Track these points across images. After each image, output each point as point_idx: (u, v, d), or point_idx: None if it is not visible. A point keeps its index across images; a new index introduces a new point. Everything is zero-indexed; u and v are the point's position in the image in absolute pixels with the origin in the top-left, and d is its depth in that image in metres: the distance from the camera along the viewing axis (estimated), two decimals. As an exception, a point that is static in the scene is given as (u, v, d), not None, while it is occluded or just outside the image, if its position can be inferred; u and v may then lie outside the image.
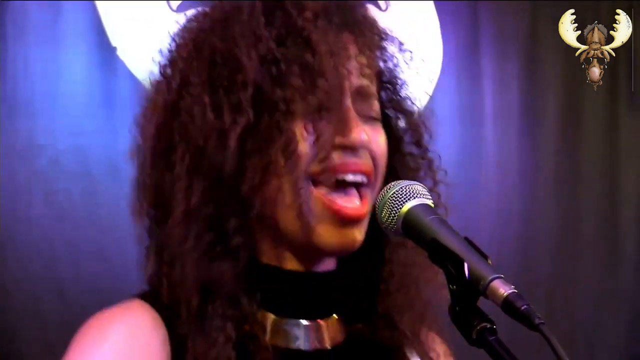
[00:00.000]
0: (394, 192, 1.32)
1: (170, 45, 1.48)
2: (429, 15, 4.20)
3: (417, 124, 1.55)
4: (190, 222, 1.37)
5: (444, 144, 4.23)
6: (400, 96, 1.55)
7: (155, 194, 1.43)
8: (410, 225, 1.29)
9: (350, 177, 1.39)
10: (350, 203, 1.39)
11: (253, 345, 1.39)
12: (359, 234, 1.40)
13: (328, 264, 1.46)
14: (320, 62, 1.36)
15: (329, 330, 1.47)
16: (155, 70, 1.49)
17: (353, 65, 1.41)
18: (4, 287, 3.43)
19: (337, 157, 1.38)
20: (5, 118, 3.46)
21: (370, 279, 1.51)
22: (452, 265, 1.20)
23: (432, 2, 4.21)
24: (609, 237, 4.55)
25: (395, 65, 1.54)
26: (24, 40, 3.50)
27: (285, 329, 1.43)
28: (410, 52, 1.56)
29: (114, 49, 3.59)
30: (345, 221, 1.38)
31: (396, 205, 1.31)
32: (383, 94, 1.52)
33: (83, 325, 1.40)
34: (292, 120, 1.36)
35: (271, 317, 1.42)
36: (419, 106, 1.58)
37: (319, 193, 1.37)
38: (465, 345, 1.20)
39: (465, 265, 1.18)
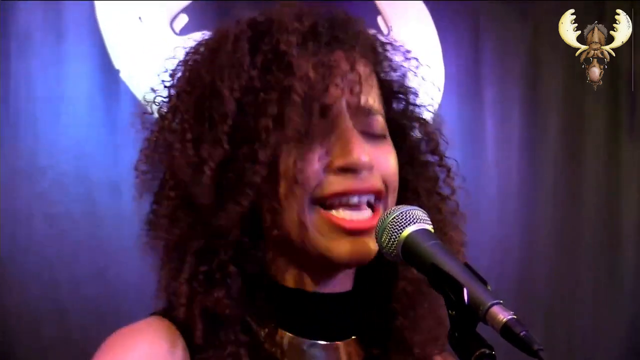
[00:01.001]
0: (394, 217, 1.32)
1: (168, 80, 1.49)
2: (430, 39, 4.22)
3: (432, 132, 1.54)
4: (178, 254, 1.39)
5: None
6: (412, 105, 1.53)
7: (154, 230, 1.45)
8: (410, 251, 1.29)
9: (355, 200, 1.39)
10: (359, 216, 1.39)
11: None
12: (372, 244, 1.38)
13: (345, 284, 1.46)
14: (294, 87, 1.35)
15: (347, 352, 1.46)
16: (155, 99, 1.50)
17: (345, 83, 1.39)
18: (3, 309, 3.43)
19: (339, 181, 1.38)
20: (7, 139, 3.47)
21: (385, 298, 1.51)
22: (452, 290, 1.19)
23: (433, 25, 4.22)
24: (608, 261, 4.54)
25: (404, 75, 1.53)
26: (27, 61, 3.52)
27: (304, 350, 1.43)
28: (417, 59, 1.55)
29: (117, 71, 3.61)
30: (355, 232, 1.38)
31: (396, 230, 1.30)
32: (394, 104, 1.51)
33: (104, 342, 1.41)
34: (272, 150, 1.35)
35: (289, 337, 1.43)
36: (434, 112, 1.57)
37: (328, 214, 1.38)
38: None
39: (465, 290, 1.18)
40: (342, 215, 1.38)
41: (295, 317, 1.43)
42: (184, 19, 3.71)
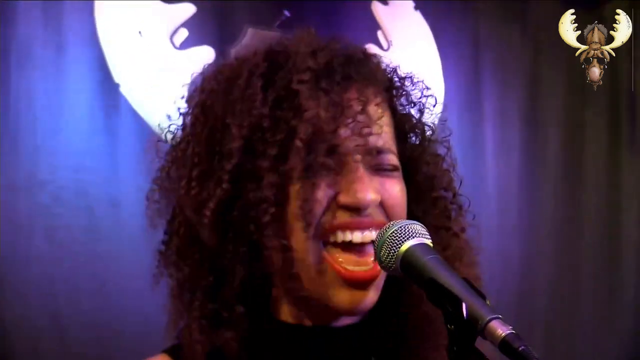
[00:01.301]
0: (393, 231, 1.31)
1: (183, 109, 1.47)
2: (430, 53, 4.23)
3: (446, 169, 1.53)
4: (187, 292, 1.40)
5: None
6: (427, 140, 1.51)
7: (164, 263, 1.46)
8: (409, 265, 1.28)
9: (357, 237, 1.37)
10: (361, 265, 1.37)
11: None
12: (373, 294, 1.38)
13: (349, 318, 1.44)
14: (305, 126, 1.34)
15: None
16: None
17: (355, 123, 1.37)
18: (2, 324, 3.42)
19: (342, 216, 1.36)
20: (7, 153, 3.47)
21: (391, 326, 1.49)
22: (450, 305, 1.19)
23: (433, 39, 4.23)
24: (609, 274, 4.54)
25: (421, 110, 1.51)
26: (27, 75, 3.52)
27: None
28: (434, 97, 1.53)
29: (117, 85, 3.61)
30: (357, 284, 1.37)
31: (395, 244, 1.30)
32: (409, 140, 1.49)
33: None
34: (275, 188, 1.34)
35: None
36: (449, 146, 1.54)
37: (330, 258, 1.36)
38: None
39: (464, 305, 1.17)
40: (345, 260, 1.37)
41: (302, 353, 1.42)
42: (184, 33, 3.72)
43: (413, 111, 1.51)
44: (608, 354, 4.46)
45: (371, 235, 1.37)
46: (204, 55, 3.67)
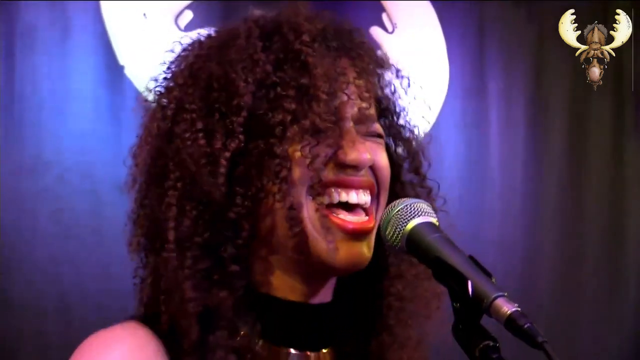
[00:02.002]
0: (399, 210, 1.32)
1: (166, 72, 1.48)
2: (436, 36, 4.21)
3: (416, 152, 1.55)
4: (184, 249, 1.36)
5: (449, 165, 4.24)
6: (398, 124, 1.54)
7: (150, 224, 1.42)
8: (415, 243, 1.29)
9: (353, 197, 1.39)
10: (356, 217, 1.39)
11: None
12: (367, 249, 1.39)
13: (325, 296, 1.45)
14: (316, 85, 1.36)
15: None
16: (151, 95, 1.49)
17: (352, 89, 1.41)
18: (7, 305, 3.43)
19: (340, 175, 1.38)
20: (12, 135, 3.47)
21: (366, 312, 1.50)
22: (456, 283, 1.20)
23: (438, 22, 4.22)
24: (612, 266, 4.53)
25: (394, 93, 1.54)
26: (32, 58, 3.52)
27: (280, 358, 1.42)
28: (408, 78, 1.56)
29: (122, 67, 3.61)
30: (353, 234, 1.38)
31: (401, 222, 1.31)
32: (382, 121, 1.52)
33: (82, 344, 1.39)
34: (287, 144, 1.36)
35: (267, 345, 1.41)
36: (418, 133, 1.57)
37: (325, 211, 1.37)
38: None
39: (469, 283, 1.18)
40: (344, 218, 1.38)
41: (273, 325, 1.42)
42: (188, 15, 3.71)
43: (388, 93, 1.54)
44: (611, 344, 4.46)
45: (365, 197, 1.39)
46: (209, 37, 3.66)
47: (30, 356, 3.47)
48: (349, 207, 1.39)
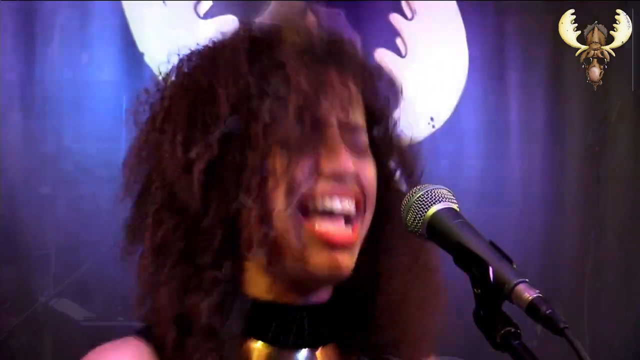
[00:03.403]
0: (420, 196, 1.31)
1: (161, 84, 1.49)
2: (455, 23, 4.20)
3: (409, 161, 1.53)
4: (159, 256, 1.38)
5: (468, 157, 4.21)
6: (390, 133, 1.52)
7: (134, 232, 1.44)
8: (436, 229, 1.29)
9: (337, 206, 1.38)
10: (339, 229, 1.38)
11: None
12: (349, 260, 1.38)
13: (322, 296, 1.44)
14: (294, 95, 1.36)
15: (323, 358, 1.45)
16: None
17: (337, 99, 1.40)
18: (28, 292, 3.46)
19: (323, 184, 1.37)
20: (33, 123, 3.49)
21: (365, 310, 1.49)
22: (477, 268, 1.19)
23: (458, 10, 4.21)
24: (631, 253, 4.52)
25: (387, 102, 1.52)
26: (52, 45, 3.54)
27: (274, 357, 1.41)
28: (401, 89, 1.55)
29: (142, 54, 3.62)
30: (334, 246, 1.37)
31: (421, 208, 1.30)
32: (374, 130, 1.50)
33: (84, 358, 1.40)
34: (263, 155, 1.36)
35: (259, 345, 1.43)
36: (412, 141, 1.56)
37: (308, 223, 1.36)
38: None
39: (490, 269, 1.17)
40: (324, 226, 1.37)
41: (267, 327, 1.42)
42: (208, 3, 3.72)
43: (380, 102, 1.52)
44: (629, 330, 4.45)
45: (349, 206, 1.38)
46: (228, 24, 3.64)
47: (51, 345, 3.50)
48: (330, 216, 1.38)
